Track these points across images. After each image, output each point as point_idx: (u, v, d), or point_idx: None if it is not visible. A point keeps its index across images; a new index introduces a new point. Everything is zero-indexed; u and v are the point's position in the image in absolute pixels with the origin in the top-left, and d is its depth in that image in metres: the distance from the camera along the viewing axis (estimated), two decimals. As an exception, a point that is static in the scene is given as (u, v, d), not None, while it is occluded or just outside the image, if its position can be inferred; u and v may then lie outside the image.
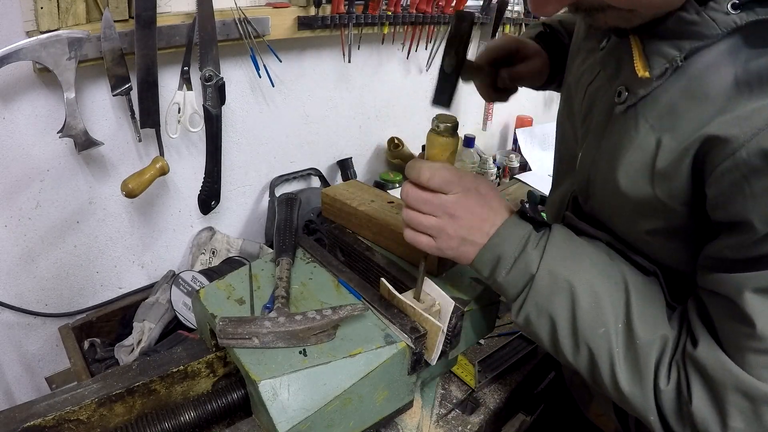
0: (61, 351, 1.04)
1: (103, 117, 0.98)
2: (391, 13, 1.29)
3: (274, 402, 0.56)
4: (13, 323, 1.00)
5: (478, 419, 0.79)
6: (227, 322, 0.62)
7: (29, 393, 1.08)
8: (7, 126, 0.87)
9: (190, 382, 0.71)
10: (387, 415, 0.68)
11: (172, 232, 1.18)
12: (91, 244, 1.06)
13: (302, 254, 0.81)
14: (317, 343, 0.63)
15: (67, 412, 0.61)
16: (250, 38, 1.05)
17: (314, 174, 1.42)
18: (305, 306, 0.69)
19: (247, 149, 1.25)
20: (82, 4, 0.85)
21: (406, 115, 1.64)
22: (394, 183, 1.51)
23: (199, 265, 1.18)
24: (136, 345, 0.98)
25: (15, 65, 0.80)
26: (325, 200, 0.92)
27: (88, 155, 0.98)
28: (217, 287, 0.73)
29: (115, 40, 0.87)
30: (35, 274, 1.00)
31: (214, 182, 1.10)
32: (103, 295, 1.11)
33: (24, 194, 0.93)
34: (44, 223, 0.98)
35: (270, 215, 1.32)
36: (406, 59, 1.50)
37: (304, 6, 1.14)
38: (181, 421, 0.64)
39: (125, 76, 0.92)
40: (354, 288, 0.73)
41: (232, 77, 1.13)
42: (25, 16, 0.81)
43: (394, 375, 0.65)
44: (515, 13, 1.79)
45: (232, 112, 1.18)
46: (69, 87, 0.84)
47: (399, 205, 0.88)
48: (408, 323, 0.66)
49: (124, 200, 1.06)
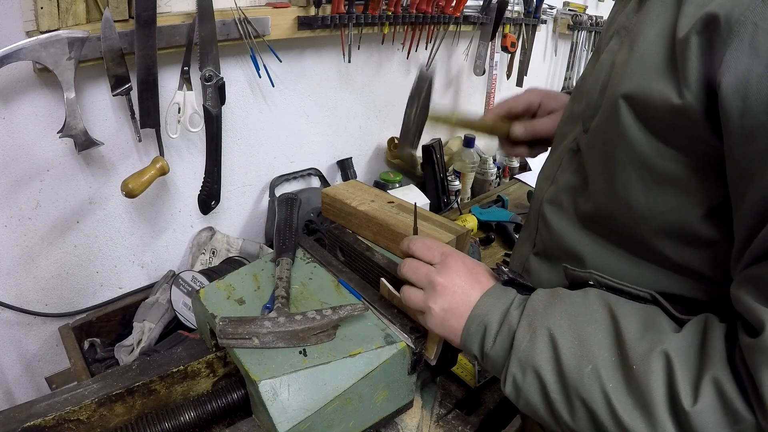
0: (61, 351, 1.04)
1: (103, 117, 0.98)
2: (391, 13, 1.29)
3: (274, 402, 0.56)
4: (13, 323, 1.00)
5: (478, 419, 0.79)
6: (227, 322, 0.62)
7: (29, 393, 1.08)
8: (7, 126, 0.87)
9: (190, 382, 0.71)
10: (387, 415, 0.68)
11: (172, 232, 1.18)
12: (91, 244, 1.06)
13: (302, 254, 0.81)
14: (317, 343, 0.63)
15: (67, 412, 0.61)
16: (250, 38, 1.05)
17: (314, 174, 1.42)
18: (305, 306, 0.69)
19: (247, 149, 1.25)
20: (82, 4, 0.85)
21: (406, 115, 1.64)
22: (394, 183, 1.50)
23: (199, 265, 1.18)
24: (136, 345, 0.98)
25: (15, 65, 0.80)
26: (325, 200, 0.92)
27: (88, 155, 0.98)
28: (217, 287, 0.73)
29: (115, 40, 0.87)
30: (35, 274, 1.00)
31: (214, 182, 1.10)
32: (103, 295, 1.11)
33: (24, 194, 0.93)
34: (44, 223, 0.98)
35: (270, 215, 1.32)
36: (406, 59, 1.50)
37: (304, 6, 1.14)
38: (181, 421, 0.64)
39: (125, 76, 0.92)
40: (354, 288, 0.73)
41: (232, 77, 1.13)
42: (25, 16, 0.81)
43: (394, 375, 0.65)
44: (515, 13, 1.79)
45: (232, 112, 1.18)
46: (69, 87, 0.84)
47: (399, 206, 0.88)
48: (408, 323, 0.67)
49: (124, 200, 1.06)
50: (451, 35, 1.57)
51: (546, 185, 0.68)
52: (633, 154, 0.50)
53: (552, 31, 2.10)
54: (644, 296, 0.53)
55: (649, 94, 0.47)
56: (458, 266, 0.61)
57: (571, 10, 2.05)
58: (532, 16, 1.82)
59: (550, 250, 0.66)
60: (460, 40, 1.66)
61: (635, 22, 0.52)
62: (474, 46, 1.70)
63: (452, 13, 1.44)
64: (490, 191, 1.78)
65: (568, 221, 0.62)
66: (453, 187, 1.63)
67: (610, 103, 0.52)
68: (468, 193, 1.74)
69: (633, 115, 0.49)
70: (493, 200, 1.61)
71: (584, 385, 0.48)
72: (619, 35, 0.55)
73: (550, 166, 0.70)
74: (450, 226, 0.82)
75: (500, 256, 1.36)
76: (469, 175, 1.70)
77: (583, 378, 0.49)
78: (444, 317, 0.59)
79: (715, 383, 0.42)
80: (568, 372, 0.50)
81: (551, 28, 2.09)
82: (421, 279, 0.62)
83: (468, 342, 0.59)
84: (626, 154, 0.51)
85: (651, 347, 0.46)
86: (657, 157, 0.49)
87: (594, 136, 0.56)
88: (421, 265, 0.63)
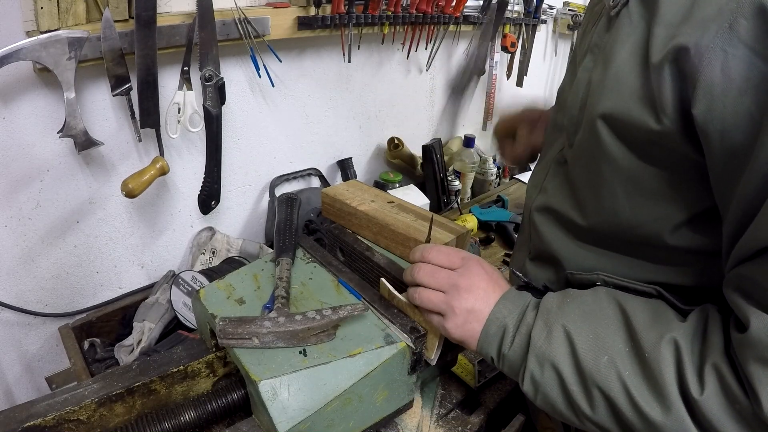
0: (61, 351, 1.04)
1: (103, 117, 0.98)
2: (391, 13, 1.29)
3: (274, 402, 0.56)
4: (13, 323, 1.00)
5: (478, 419, 0.79)
6: (227, 322, 0.62)
7: (29, 393, 1.08)
8: (7, 126, 0.87)
9: (190, 382, 0.71)
10: (387, 415, 0.68)
11: (172, 232, 1.18)
12: (91, 244, 1.06)
13: (302, 254, 0.81)
14: (317, 343, 0.63)
15: (67, 412, 0.61)
16: (250, 38, 1.05)
17: (314, 174, 1.42)
18: (305, 306, 0.69)
19: (247, 149, 1.25)
20: (82, 4, 0.85)
21: (406, 115, 1.64)
22: (394, 183, 1.50)
23: (199, 265, 1.18)
24: (136, 345, 0.98)
25: (15, 65, 0.80)
26: (325, 200, 0.92)
27: (88, 155, 0.98)
28: (217, 287, 0.73)
29: (115, 40, 0.87)
30: (35, 274, 1.00)
31: (214, 182, 1.10)
32: (103, 295, 1.11)
33: (24, 194, 0.93)
34: (44, 223, 0.98)
35: (270, 215, 1.32)
36: (406, 59, 1.50)
37: (304, 6, 1.14)
38: (181, 421, 0.64)
39: (125, 76, 0.92)
40: (354, 288, 0.73)
41: (232, 77, 1.13)
42: (25, 16, 0.81)
43: (394, 375, 0.65)
44: (515, 13, 1.79)
45: (232, 112, 1.18)
46: (69, 87, 0.84)
47: (399, 206, 0.88)
48: (408, 323, 0.67)
49: (124, 200, 1.06)
50: (451, 35, 1.58)
51: (534, 193, 0.70)
52: (616, 168, 0.53)
53: (552, 31, 2.10)
54: (650, 292, 0.56)
55: (627, 115, 0.49)
56: (480, 270, 0.63)
57: (571, 10, 2.05)
58: (532, 16, 1.81)
59: (544, 256, 0.68)
60: (460, 40, 1.66)
61: (607, 41, 0.54)
62: (474, 46, 1.70)
63: (452, 13, 1.44)
64: (490, 191, 1.78)
65: (558, 229, 0.65)
66: (453, 187, 1.63)
67: (589, 122, 0.54)
68: (468, 193, 1.74)
69: (612, 134, 0.52)
70: (493, 200, 1.61)
71: (601, 374, 0.51)
72: (593, 53, 0.58)
73: (538, 174, 0.72)
74: (450, 226, 0.82)
75: (500, 256, 1.36)
76: (469, 175, 1.70)
77: (600, 368, 0.51)
78: (466, 319, 0.60)
79: (715, 370, 0.45)
80: (585, 363, 0.52)
81: (551, 28, 2.09)
82: (442, 282, 0.62)
83: (486, 344, 0.60)
84: (609, 169, 0.54)
85: (661, 336, 0.49)
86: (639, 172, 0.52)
87: (578, 151, 0.58)
88: (439, 269, 0.63)
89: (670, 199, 0.52)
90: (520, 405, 0.85)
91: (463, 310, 0.60)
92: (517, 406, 0.84)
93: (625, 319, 0.53)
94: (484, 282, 0.62)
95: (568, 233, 0.63)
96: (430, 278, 0.63)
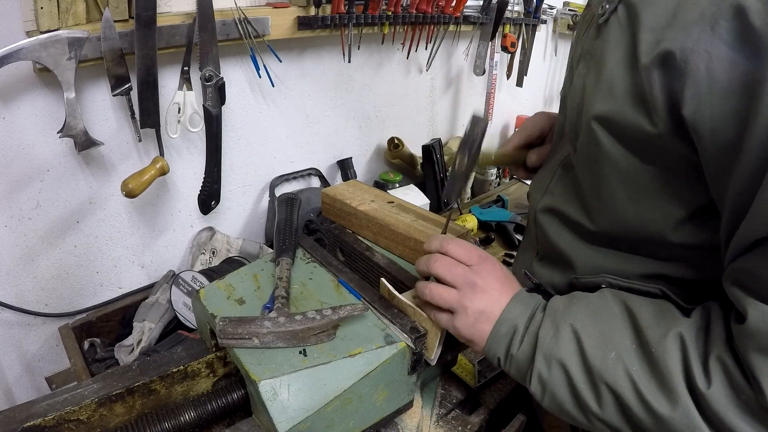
0: (61, 351, 1.04)
1: (103, 117, 0.98)
2: (391, 13, 1.29)
3: (274, 402, 0.56)
4: (13, 323, 1.00)
5: (478, 419, 0.79)
6: (227, 322, 0.62)
7: (29, 393, 1.08)
8: (7, 126, 0.87)
9: (190, 382, 0.71)
10: (387, 415, 0.68)
11: (172, 232, 1.18)
12: (91, 244, 1.06)
13: (302, 254, 0.81)
14: (317, 343, 0.63)
15: (67, 412, 0.61)
16: (250, 38, 1.05)
17: (314, 174, 1.42)
18: (305, 306, 0.69)
19: (247, 149, 1.25)
20: (82, 4, 0.85)
21: (406, 115, 1.64)
22: (394, 183, 1.51)
23: (199, 265, 1.18)
24: (136, 345, 0.98)
25: (15, 65, 0.80)
26: (325, 200, 0.92)
27: (88, 155, 0.98)
28: (217, 287, 0.73)
29: (115, 40, 0.87)
30: (35, 274, 1.00)
31: (214, 182, 1.10)
32: (103, 295, 1.11)
33: (24, 194, 0.93)
34: (44, 223, 0.98)
35: (270, 215, 1.32)
36: (406, 59, 1.50)
37: (304, 6, 1.14)
38: (181, 421, 0.64)
39: (125, 76, 0.92)
40: (354, 288, 0.73)
41: (232, 77, 1.13)
42: (25, 16, 0.81)
43: (394, 375, 0.65)
44: (515, 13, 1.79)
45: (232, 112, 1.18)
46: (69, 87, 0.84)
47: (399, 206, 0.88)
48: (408, 323, 0.67)
49: (124, 200, 1.06)
50: (451, 35, 1.58)
51: (539, 195, 0.71)
52: (617, 170, 0.54)
53: (552, 31, 2.10)
54: (654, 292, 0.56)
55: (622, 117, 0.51)
56: (495, 271, 0.63)
57: (571, 10, 2.05)
58: (532, 16, 1.82)
59: (551, 255, 0.68)
60: (460, 40, 1.66)
61: (597, 47, 0.56)
62: (474, 46, 1.70)
63: (452, 13, 1.44)
64: (490, 191, 1.78)
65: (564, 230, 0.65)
66: (453, 187, 1.63)
67: (586, 126, 0.55)
68: (468, 193, 1.74)
69: (609, 135, 0.53)
70: (493, 200, 1.61)
71: (609, 371, 0.51)
72: (586, 59, 0.59)
73: (543, 177, 0.72)
74: (450, 225, 0.82)
75: (500, 256, 1.35)
76: (469, 175, 1.70)
77: (608, 365, 0.51)
78: (477, 319, 0.60)
79: (720, 362, 0.46)
80: (592, 361, 0.52)
81: (551, 28, 2.09)
82: (458, 278, 0.62)
83: (494, 344, 0.60)
84: (610, 171, 0.55)
85: (666, 331, 0.49)
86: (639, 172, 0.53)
87: (581, 155, 0.59)
88: (457, 263, 0.63)
89: (670, 198, 0.53)
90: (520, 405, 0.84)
91: (475, 310, 0.60)
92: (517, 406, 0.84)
93: (630, 316, 0.53)
94: (498, 283, 0.62)
95: (575, 235, 0.64)
96: (446, 271, 0.62)
